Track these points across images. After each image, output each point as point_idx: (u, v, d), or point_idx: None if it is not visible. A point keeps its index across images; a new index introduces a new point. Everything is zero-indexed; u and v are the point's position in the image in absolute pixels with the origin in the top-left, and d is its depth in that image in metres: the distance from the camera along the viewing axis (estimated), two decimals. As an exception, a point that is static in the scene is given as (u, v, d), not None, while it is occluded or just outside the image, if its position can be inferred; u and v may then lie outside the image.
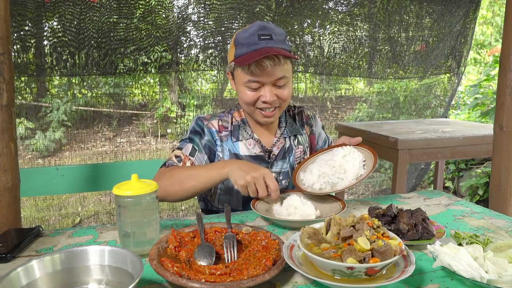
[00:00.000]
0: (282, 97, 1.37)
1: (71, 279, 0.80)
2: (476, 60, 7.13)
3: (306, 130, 1.62)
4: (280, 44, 1.32)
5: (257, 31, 1.31)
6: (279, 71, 1.31)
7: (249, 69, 1.30)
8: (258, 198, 1.27)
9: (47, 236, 1.10)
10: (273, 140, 1.51)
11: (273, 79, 1.32)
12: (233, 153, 1.45)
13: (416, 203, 1.40)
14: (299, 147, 1.56)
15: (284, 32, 1.37)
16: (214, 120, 1.48)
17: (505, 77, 1.85)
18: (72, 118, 3.37)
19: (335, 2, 3.28)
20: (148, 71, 2.92)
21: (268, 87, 1.33)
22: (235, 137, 1.47)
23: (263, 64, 1.28)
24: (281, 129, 1.54)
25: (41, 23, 2.53)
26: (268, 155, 1.48)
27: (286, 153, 1.52)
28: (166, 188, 1.28)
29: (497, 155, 1.92)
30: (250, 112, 1.42)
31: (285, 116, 1.58)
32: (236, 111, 1.52)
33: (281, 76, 1.32)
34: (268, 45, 1.29)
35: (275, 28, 1.34)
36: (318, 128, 1.66)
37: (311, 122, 1.64)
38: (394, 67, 3.53)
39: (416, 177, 3.94)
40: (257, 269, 0.80)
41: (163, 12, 2.76)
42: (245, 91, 1.36)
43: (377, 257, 0.77)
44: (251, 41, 1.30)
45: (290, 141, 1.54)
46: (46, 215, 3.26)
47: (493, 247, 0.91)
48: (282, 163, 1.50)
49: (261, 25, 1.32)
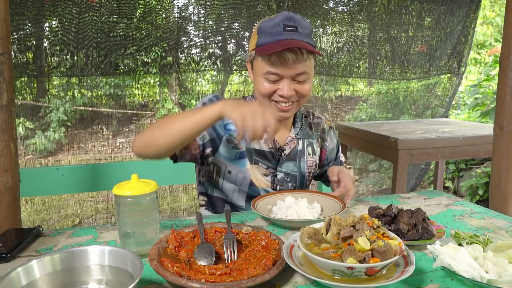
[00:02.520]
0: (301, 92, 1.31)
1: (71, 279, 0.80)
2: (476, 60, 7.13)
3: (318, 143, 1.55)
4: (305, 37, 1.25)
5: (283, 21, 1.25)
6: (301, 66, 1.26)
7: (269, 60, 1.24)
8: (258, 198, 1.27)
9: (47, 236, 1.10)
10: (287, 139, 1.45)
11: (293, 74, 1.26)
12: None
13: (416, 203, 1.40)
14: (313, 156, 1.50)
15: (311, 26, 1.31)
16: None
17: (505, 77, 1.85)
18: (72, 118, 3.37)
19: (335, 2, 3.28)
20: (148, 72, 2.92)
21: (287, 81, 1.27)
22: None
23: (285, 56, 1.22)
24: (296, 130, 1.48)
25: (40, 23, 2.53)
26: (280, 153, 1.43)
27: (298, 156, 1.46)
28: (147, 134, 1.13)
29: (497, 155, 1.92)
30: (265, 104, 1.35)
31: (301, 118, 1.52)
32: (252, 100, 1.44)
33: (302, 71, 1.27)
34: (292, 37, 1.23)
35: (302, 20, 1.28)
36: (331, 145, 1.58)
37: (324, 136, 1.56)
38: (395, 67, 3.53)
39: (416, 177, 3.93)
40: (257, 269, 0.80)
41: (163, 12, 2.76)
42: (263, 82, 1.30)
43: (377, 257, 0.77)
44: (275, 31, 1.24)
45: (303, 144, 1.48)
46: (45, 216, 3.26)
47: (493, 247, 0.91)
48: (293, 165, 1.45)
49: (287, 16, 1.26)
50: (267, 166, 1.42)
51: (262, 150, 1.41)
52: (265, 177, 1.42)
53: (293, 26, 1.24)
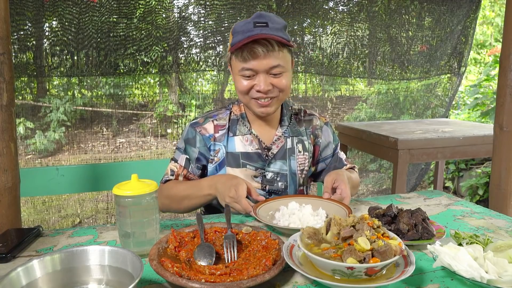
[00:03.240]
0: (279, 86, 1.31)
1: (71, 279, 0.80)
2: (476, 60, 7.13)
3: (311, 140, 1.52)
4: (276, 31, 1.27)
5: (254, 19, 1.28)
6: (273, 58, 1.27)
7: (242, 56, 1.27)
8: (260, 203, 1.25)
9: (47, 236, 1.10)
10: (273, 138, 1.45)
11: (267, 67, 1.28)
12: (229, 152, 1.41)
13: (416, 203, 1.40)
14: (304, 153, 1.48)
15: (284, 22, 1.32)
16: (207, 123, 1.45)
17: (505, 77, 1.85)
18: (72, 118, 3.37)
19: (335, 2, 3.28)
20: (148, 72, 2.92)
21: (262, 75, 1.29)
22: (232, 131, 1.43)
23: (255, 50, 1.25)
24: (283, 128, 1.47)
25: (40, 23, 2.53)
26: (266, 153, 1.43)
27: (287, 154, 1.45)
28: (166, 206, 1.40)
29: (497, 155, 1.92)
30: (246, 102, 1.38)
31: (290, 116, 1.51)
32: (236, 105, 1.48)
33: (275, 64, 1.28)
34: (262, 32, 1.25)
35: (273, 17, 1.30)
36: (326, 141, 1.55)
37: (317, 132, 1.54)
38: (395, 67, 3.53)
39: (416, 177, 3.93)
40: (257, 269, 0.80)
41: (163, 12, 2.76)
42: (240, 80, 1.32)
43: (377, 257, 0.77)
44: (246, 29, 1.27)
45: (292, 142, 1.47)
46: (45, 216, 3.26)
47: (493, 247, 0.91)
48: (282, 164, 1.44)
49: (258, 14, 1.30)
50: (255, 168, 1.41)
51: (247, 152, 1.42)
52: (255, 178, 1.42)
53: (264, 22, 1.27)
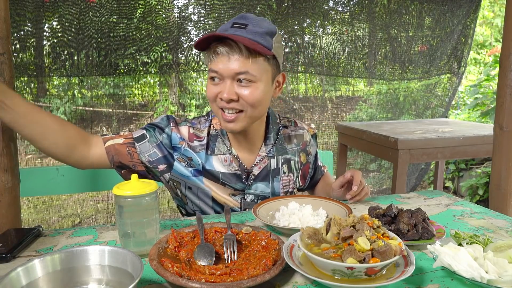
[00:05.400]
0: (244, 98, 1.15)
1: (71, 279, 0.80)
2: (476, 60, 7.13)
3: (301, 158, 1.41)
4: (254, 35, 1.12)
5: (234, 19, 1.16)
6: (240, 64, 1.12)
7: (208, 56, 1.16)
8: (260, 204, 1.24)
9: (47, 236, 1.10)
10: (255, 159, 1.32)
11: (232, 72, 1.13)
12: (207, 169, 1.29)
13: (416, 203, 1.40)
14: (289, 174, 1.36)
15: (273, 28, 1.17)
16: (183, 126, 1.31)
17: (505, 77, 1.85)
18: (72, 118, 3.37)
19: (335, 2, 3.28)
20: (148, 72, 2.92)
21: (228, 81, 1.15)
22: (211, 150, 1.29)
23: (217, 49, 1.12)
24: (267, 147, 1.33)
25: (40, 23, 2.53)
26: (246, 176, 1.31)
27: (270, 175, 1.33)
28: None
29: (497, 155, 1.92)
30: (215, 111, 1.24)
31: (277, 131, 1.38)
32: (216, 117, 1.31)
33: (242, 70, 1.12)
34: (235, 33, 1.11)
35: (259, 20, 1.16)
36: (314, 155, 1.48)
37: (308, 149, 1.44)
38: (395, 67, 3.54)
39: (416, 177, 3.94)
40: (257, 269, 0.80)
41: (163, 12, 2.76)
42: (208, 84, 1.20)
43: (377, 257, 0.77)
44: (222, 28, 1.16)
45: (277, 162, 1.35)
46: (45, 216, 3.26)
47: (493, 247, 0.91)
48: (264, 186, 1.32)
49: (240, 15, 1.18)
50: (235, 189, 1.32)
51: (226, 172, 1.30)
52: (233, 197, 1.33)
53: (242, 24, 1.14)
